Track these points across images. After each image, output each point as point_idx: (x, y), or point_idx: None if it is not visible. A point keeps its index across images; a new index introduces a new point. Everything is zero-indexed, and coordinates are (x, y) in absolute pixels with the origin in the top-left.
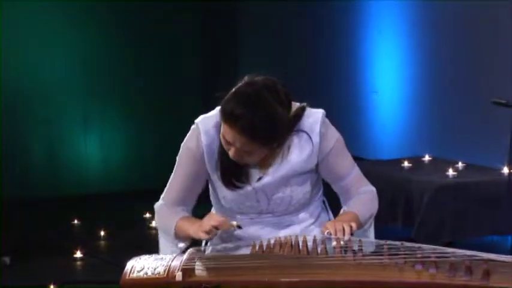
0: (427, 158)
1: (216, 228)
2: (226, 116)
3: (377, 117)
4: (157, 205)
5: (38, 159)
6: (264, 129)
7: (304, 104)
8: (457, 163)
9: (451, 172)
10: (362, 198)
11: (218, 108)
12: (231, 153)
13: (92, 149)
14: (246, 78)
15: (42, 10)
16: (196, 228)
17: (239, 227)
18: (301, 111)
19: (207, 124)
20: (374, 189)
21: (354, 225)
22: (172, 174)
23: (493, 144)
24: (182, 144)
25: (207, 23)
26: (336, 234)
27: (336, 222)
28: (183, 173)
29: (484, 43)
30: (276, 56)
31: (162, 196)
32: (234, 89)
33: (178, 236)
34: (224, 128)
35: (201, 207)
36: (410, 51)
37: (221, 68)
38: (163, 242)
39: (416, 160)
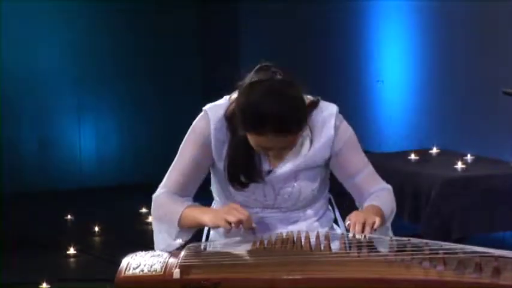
0: (434, 150)
1: (241, 222)
2: (254, 125)
3: (382, 108)
4: (156, 194)
5: (30, 151)
6: (294, 117)
7: (318, 97)
8: (466, 155)
9: (459, 165)
10: (380, 194)
11: (226, 97)
12: (272, 154)
13: (86, 141)
14: (247, 80)
15: None
16: (216, 216)
17: (253, 229)
18: (315, 103)
19: (216, 113)
20: (390, 187)
21: (377, 220)
22: (175, 159)
23: (504, 136)
24: (190, 129)
25: (207, 23)
26: (354, 226)
27: (359, 214)
28: (188, 156)
29: (494, 31)
30: (277, 53)
31: (161, 185)
32: (242, 99)
33: (183, 225)
34: (256, 138)
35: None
36: (417, 39)
37: (221, 67)
38: (159, 234)
39: (423, 152)
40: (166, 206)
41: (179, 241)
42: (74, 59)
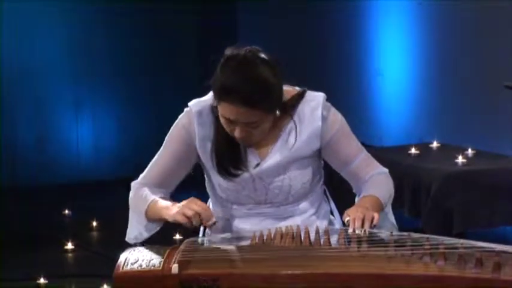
0: (435, 144)
1: (199, 215)
2: (220, 93)
3: (382, 102)
4: (134, 182)
5: (27, 146)
6: (260, 92)
7: (305, 88)
8: (467, 150)
9: (460, 159)
10: (377, 180)
11: (211, 93)
12: (237, 133)
13: (83, 135)
14: (226, 53)
15: None
16: (175, 211)
17: (214, 224)
18: (301, 94)
19: (200, 107)
20: (386, 170)
21: (376, 215)
22: (157, 153)
23: (504, 130)
24: (174, 124)
25: (206, 22)
26: (353, 222)
27: (358, 209)
28: (169, 152)
29: (495, 25)
30: (277, 51)
31: (142, 175)
32: (216, 71)
33: (149, 218)
34: (222, 107)
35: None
36: (417, 33)
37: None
38: (132, 223)
39: (424, 147)
40: (137, 197)
41: (146, 235)
42: (72, 55)
